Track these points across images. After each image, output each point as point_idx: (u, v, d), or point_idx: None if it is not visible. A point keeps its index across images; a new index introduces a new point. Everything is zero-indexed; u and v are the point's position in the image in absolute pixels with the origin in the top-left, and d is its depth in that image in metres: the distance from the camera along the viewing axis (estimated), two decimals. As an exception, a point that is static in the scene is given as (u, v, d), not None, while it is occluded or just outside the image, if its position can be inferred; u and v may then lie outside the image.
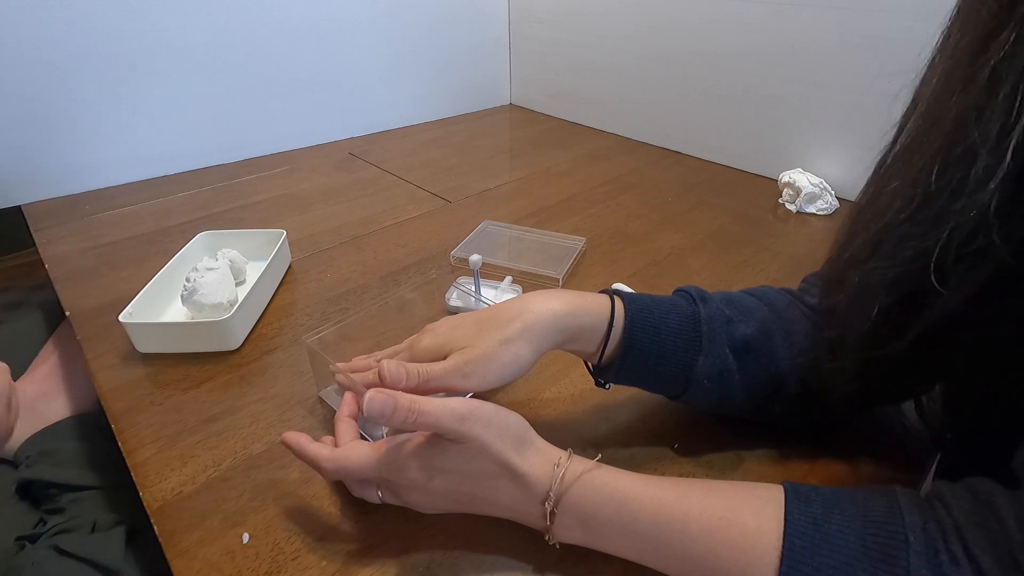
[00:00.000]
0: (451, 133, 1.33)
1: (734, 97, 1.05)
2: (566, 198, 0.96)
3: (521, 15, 1.44)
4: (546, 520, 0.35)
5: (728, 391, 0.42)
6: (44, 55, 0.88)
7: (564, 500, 0.34)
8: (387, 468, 0.36)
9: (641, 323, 0.41)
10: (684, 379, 0.41)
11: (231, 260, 0.68)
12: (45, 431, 0.62)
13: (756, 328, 0.43)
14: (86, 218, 0.89)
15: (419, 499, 0.37)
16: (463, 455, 0.35)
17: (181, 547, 0.39)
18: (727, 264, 0.76)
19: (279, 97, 1.16)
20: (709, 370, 0.41)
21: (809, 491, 0.32)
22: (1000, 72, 0.26)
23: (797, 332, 0.43)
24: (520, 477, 0.35)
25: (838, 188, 0.92)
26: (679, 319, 0.42)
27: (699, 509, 0.33)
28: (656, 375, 0.42)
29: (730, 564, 0.31)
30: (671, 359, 0.41)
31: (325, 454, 0.38)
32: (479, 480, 0.36)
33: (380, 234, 0.84)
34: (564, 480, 0.35)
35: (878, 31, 0.83)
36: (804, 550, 0.29)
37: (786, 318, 0.44)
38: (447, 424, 0.34)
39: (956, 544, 0.27)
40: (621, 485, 0.35)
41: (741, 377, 0.42)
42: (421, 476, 0.36)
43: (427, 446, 0.36)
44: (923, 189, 0.30)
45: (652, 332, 0.41)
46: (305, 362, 0.57)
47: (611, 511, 0.34)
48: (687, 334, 0.41)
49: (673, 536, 0.33)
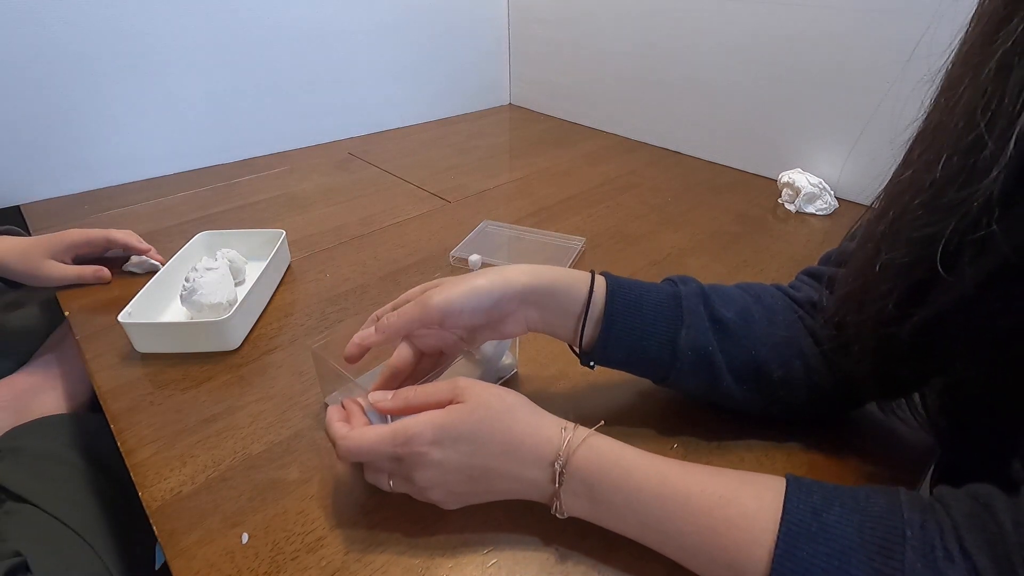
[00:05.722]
0: (451, 133, 1.33)
1: (734, 97, 1.05)
2: (566, 198, 0.96)
3: (521, 15, 1.44)
4: (555, 483, 0.35)
5: (713, 372, 0.43)
6: (44, 55, 0.88)
7: (572, 462, 0.35)
8: (401, 443, 0.36)
9: (623, 298, 0.42)
10: (669, 353, 0.42)
11: (230, 260, 0.68)
12: (30, 424, 0.60)
13: (735, 312, 0.44)
14: (85, 218, 0.89)
15: (431, 478, 0.37)
16: (475, 419, 0.36)
17: (180, 547, 0.39)
18: (727, 264, 0.76)
19: (279, 97, 1.16)
20: (692, 343, 0.42)
21: (811, 483, 0.33)
22: (1008, 60, 0.26)
23: (779, 322, 0.44)
24: (530, 436, 0.36)
25: (837, 188, 0.92)
26: (660, 296, 0.43)
27: (701, 487, 0.33)
28: (641, 351, 0.43)
29: (727, 541, 0.31)
30: (653, 333, 0.42)
31: (342, 432, 0.38)
32: (491, 446, 0.36)
33: (380, 234, 0.84)
34: (571, 442, 0.35)
35: (878, 31, 0.83)
36: (800, 536, 0.29)
37: (769, 307, 0.45)
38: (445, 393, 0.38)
39: (953, 542, 0.27)
40: (627, 455, 0.36)
41: (724, 359, 0.42)
42: (435, 450, 0.36)
43: (441, 416, 0.36)
44: (933, 176, 0.30)
45: (634, 307, 0.42)
46: (304, 362, 0.57)
47: (616, 479, 0.35)
48: (668, 309, 0.43)
49: (675, 509, 0.33)
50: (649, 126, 1.24)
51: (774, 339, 0.43)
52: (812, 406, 0.45)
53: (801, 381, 0.43)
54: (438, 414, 0.37)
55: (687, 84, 1.12)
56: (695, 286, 0.44)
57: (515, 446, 0.36)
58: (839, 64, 0.89)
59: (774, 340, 0.43)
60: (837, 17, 0.87)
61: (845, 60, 0.88)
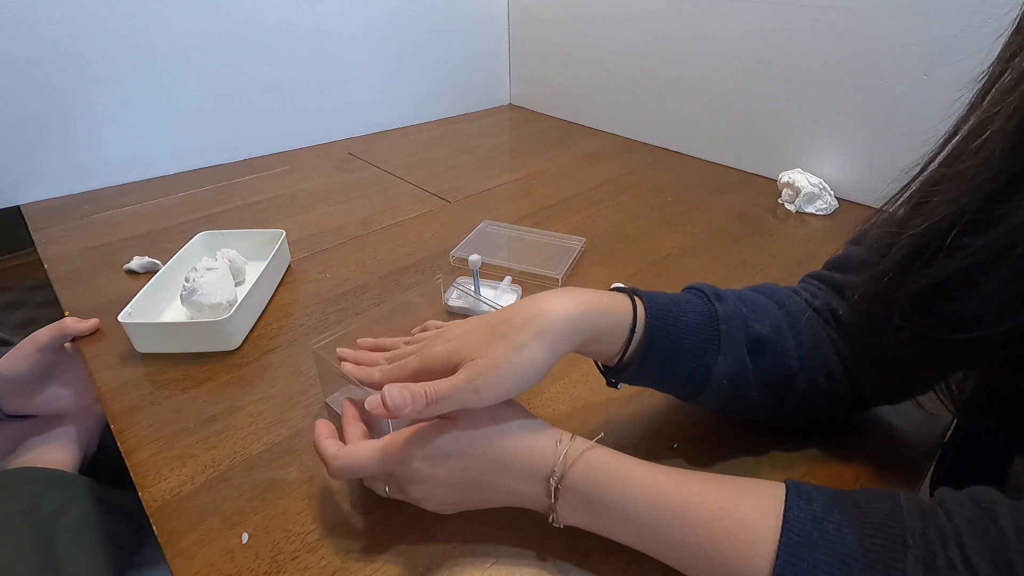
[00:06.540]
0: (451, 133, 1.33)
1: (734, 97, 1.05)
2: (566, 198, 0.96)
3: (521, 15, 1.44)
4: (551, 498, 0.35)
5: (743, 391, 0.41)
6: (44, 55, 0.88)
7: (567, 478, 0.35)
8: (392, 461, 0.36)
9: (661, 323, 0.39)
10: (702, 379, 0.40)
11: (230, 260, 0.68)
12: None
13: (770, 327, 0.42)
14: (85, 218, 0.89)
15: (424, 492, 0.37)
16: (467, 435, 0.36)
17: (180, 547, 0.39)
18: (727, 264, 0.76)
19: (279, 97, 1.16)
20: (728, 370, 0.40)
21: (811, 489, 0.32)
22: None
23: (806, 332, 0.43)
24: (524, 452, 0.35)
25: (837, 188, 0.92)
26: (697, 318, 0.40)
27: (699, 498, 0.33)
28: (673, 375, 0.41)
29: (727, 553, 0.31)
30: (689, 359, 0.40)
31: (332, 451, 0.38)
32: (483, 461, 0.36)
33: (380, 234, 0.84)
34: (567, 456, 0.35)
35: (878, 31, 0.83)
36: (801, 545, 0.29)
37: (795, 316, 0.44)
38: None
39: (954, 550, 0.27)
40: (624, 467, 0.35)
41: (756, 377, 0.41)
42: (425, 466, 0.36)
43: (432, 432, 0.36)
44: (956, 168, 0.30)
45: (672, 332, 0.39)
46: (304, 362, 0.57)
47: (613, 491, 0.34)
48: (706, 333, 0.40)
49: (673, 521, 0.33)
50: (649, 126, 1.24)
51: (801, 351, 0.42)
52: (827, 414, 0.45)
53: (823, 391, 0.43)
54: (428, 430, 0.36)
55: (687, 84, 1.12)
56: (732, 305, 0.42)
57: (507, 461, 0.36)
58: (839, 64, 0.89)
59: (801, 352, 0.42)
60: (837, 17, 0.87)
61: (845, 60, 0.88)
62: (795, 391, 0.42)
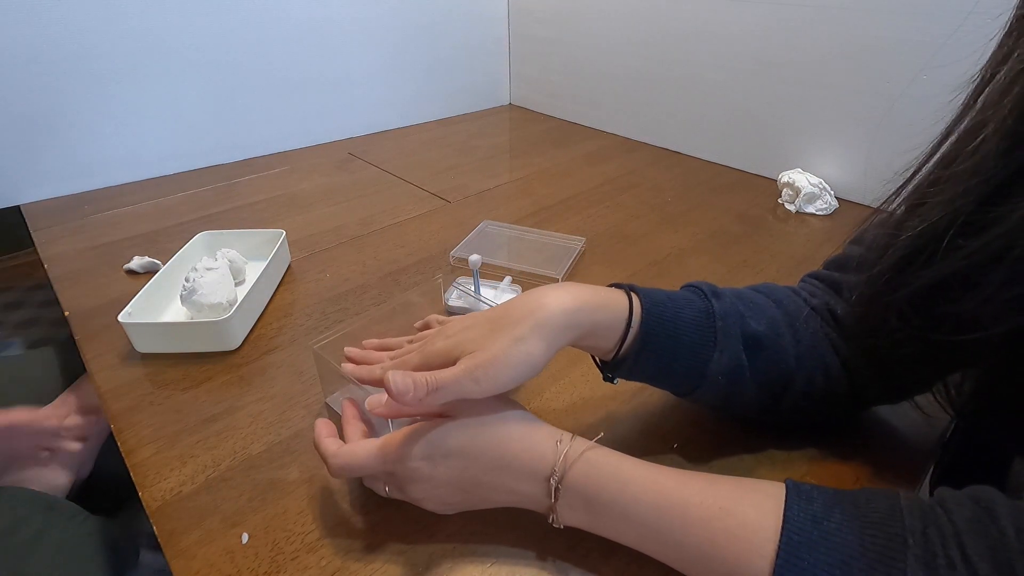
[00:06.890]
0: (451, 133, 1.33)
1: (734, 97, 1.05)
2: (566, 198, 0.96)
3: (521, 15, 1.44)
4: (551, 498, 0.35)
5: (739, 388, 0.42)
6: (43, 55, 0.88)
7: (567, 478, 0.35)
8: (392, 460, 0.36)
9: (658, 318, 0.40)
10: (698, 375, 0.41)
11: (230, 260, 0.68)
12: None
13: (767, 325, 0.42)
14: (85, 218, 0.89)
15: (423, 491, 0.37)
16: (466, 435, 0.36)
17: (180, 547, 0.39)
18: (727, 264, 0.76)
19: (279, 97, 1.16)
20: (724, 367, 0.40)
21: (811, 489, 0.32)
22: None
23: (804, 331, 0.43)
24: (524, 452, 0.35)
25: (837, 188, 0.92)
26: (694, 314, 0.41)
27: (700, 498, 0.33)
28: (669, 371, 0.41)
29: (727, 553, 0.31)
30: (685, 355, 0.40)
31: (332, 450, 0.38)
32: (483, 461, 0.36)
33: (379, 234, 0.84)
34: (567, 456, 0.35)
35: (877, 31, 0.83)
36: (801, 545, 0.29)
37: (794, 315, 0.44)
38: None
39: (954, 549, 0.27)
40: (624, 467, 0.35)
41: (752, 375, 0.41)
42: (425, 465, 0.36)
43: (432, 432, 0.36)
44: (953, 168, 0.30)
45: (669, 328, 0.40)
46: (304, 362, 0.57)
47: (613, 492, 0.34)
48: (702, 330, 0.40)
49: (673, 521, 0.33)
50: (649, 126, 1.24)
51: (799, 350, 0.42)
52: (826, 412, 0.45)
53: (821, 390, 0.43)
54: (428, 428, 0.36)
55: (687, 84, 1.12)
56: (729, 302, 0.42)
57: (508, 461, 0.36)
58: (840, 64, 0.89)
59: (799, 351, 0.42)
60: (837, 17, 0.87)
61: (847, 60, 0.88)
62: (793, 389, 0.42)
